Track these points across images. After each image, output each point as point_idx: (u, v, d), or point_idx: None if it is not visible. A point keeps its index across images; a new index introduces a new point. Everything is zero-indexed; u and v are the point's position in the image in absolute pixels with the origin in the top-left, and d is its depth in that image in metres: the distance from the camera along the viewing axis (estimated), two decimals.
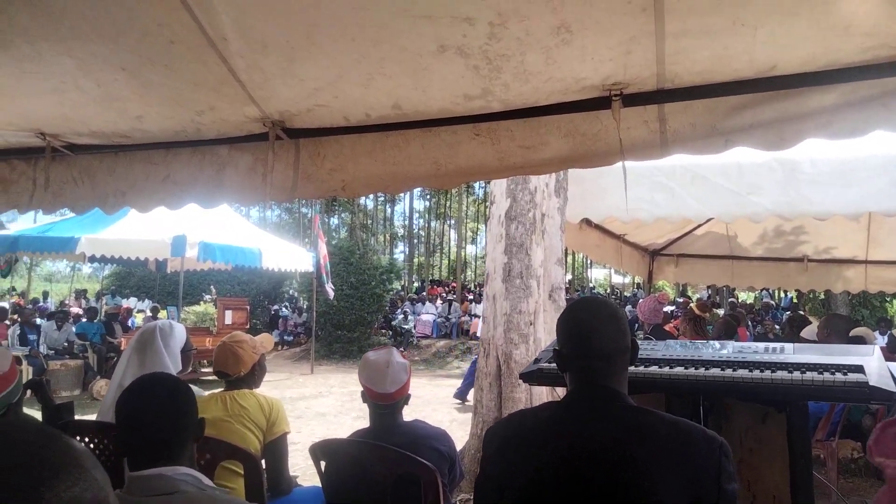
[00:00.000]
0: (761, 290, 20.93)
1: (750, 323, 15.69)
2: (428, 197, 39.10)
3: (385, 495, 1.94)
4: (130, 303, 19.56)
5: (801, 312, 12.94)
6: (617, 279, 31.66)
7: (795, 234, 6.19)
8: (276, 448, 2.47)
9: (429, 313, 19.74)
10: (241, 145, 2.55)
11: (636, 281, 25.03)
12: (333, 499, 2.17)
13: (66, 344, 10.79)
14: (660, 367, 2.07)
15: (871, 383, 1.75)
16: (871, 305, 19.06)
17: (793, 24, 1.71)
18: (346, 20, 1.87)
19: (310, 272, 12.72)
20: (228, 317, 12.70)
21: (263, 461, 2.45)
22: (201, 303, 18.13)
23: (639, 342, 1.50)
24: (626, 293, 27.38)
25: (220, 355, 2.59)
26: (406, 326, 18.24)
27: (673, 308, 16.73)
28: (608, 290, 30.97)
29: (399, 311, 19.42)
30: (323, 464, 2.16)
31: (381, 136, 2.36)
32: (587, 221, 5.01)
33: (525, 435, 1.42)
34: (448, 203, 37.94)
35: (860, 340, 4.66)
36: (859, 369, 1.84)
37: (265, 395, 2.55)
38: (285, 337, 19.38)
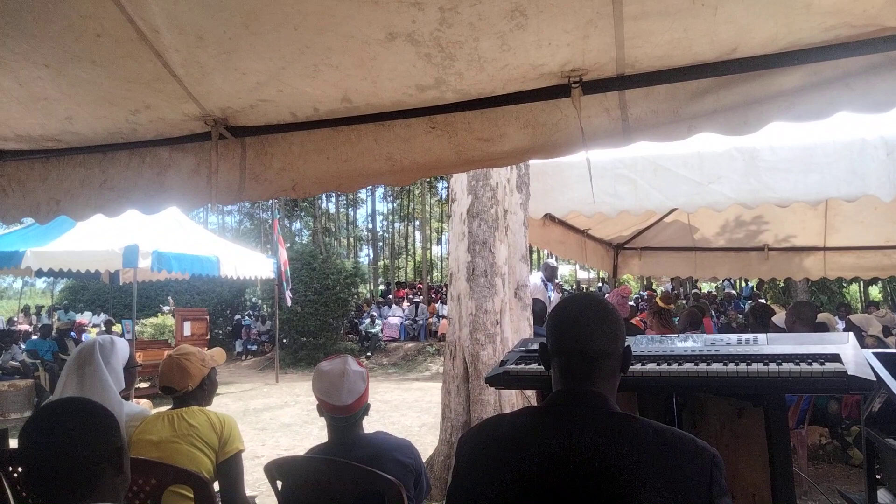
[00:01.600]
0: (723, 280, 21.35)
1: (713, 313, 15.95)
2: (391, 198, 38.84)
3: None
4: (85, 317, 18.87)
5: (763, 301, 13.17)
6: (582, 275, 31.91)
7: (756, 223, 6.25)
8: (229, 468, 2.32)
9: (396, 316, 19.58)
10: (182, 146, 2.40)
11: (601, 276, 25.25)
12: None
13: (16, 364, 10.32)
14: (631, 363, 1.99)
15: (849, 372, 1.70)
16: (829, 291, 19.61)
17: (754, 2, 1.65)
18: (287, 7, 1.74)
19: (272, 279, 12.45)
20: (187, 328, 12.32)
21: (217, 482, 2.29)
22: (159, 314, 17.62)
23: None
24: (591, 289, 27.61)
25: (165, 369, 2.42)
26: (373, 330, 18.05)
27: (634, 302, 16.92)
28: (574, 287, 31.13)
29: (366, 314, 19.22)
30: (279, 483, 2.01)
31: (332, 132, 2.24)
32: (550, 217, 4.95)
33: (499, 443, 1.32)
34: (412, 204, 37.72)
35: (823, 327, 4.71)
36: (836, 358, 1.79)
37: (216, 411, 2.39)
38: (249, 346, 19.03)
